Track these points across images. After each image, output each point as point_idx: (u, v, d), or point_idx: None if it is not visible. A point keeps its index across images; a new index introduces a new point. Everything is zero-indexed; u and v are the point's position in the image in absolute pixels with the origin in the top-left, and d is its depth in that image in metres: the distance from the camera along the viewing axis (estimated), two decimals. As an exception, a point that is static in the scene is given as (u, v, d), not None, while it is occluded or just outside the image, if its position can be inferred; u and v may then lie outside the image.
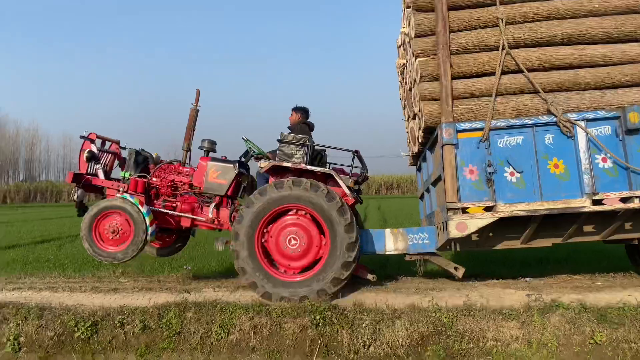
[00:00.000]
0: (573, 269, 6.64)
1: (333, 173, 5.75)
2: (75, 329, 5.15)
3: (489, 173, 5.25)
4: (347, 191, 5.69)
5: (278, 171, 5.87)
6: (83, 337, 5.13)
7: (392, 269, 7.29)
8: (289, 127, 6.53)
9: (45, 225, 17.50)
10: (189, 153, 6.80)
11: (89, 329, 5.15)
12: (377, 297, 5.50)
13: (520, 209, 5.17)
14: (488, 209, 5.25)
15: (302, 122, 6.47)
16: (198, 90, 6.86)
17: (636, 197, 5.05)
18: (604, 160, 5.19)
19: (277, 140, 5.93)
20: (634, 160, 5.15)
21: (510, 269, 7.17)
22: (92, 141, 6.36)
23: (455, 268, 6.19)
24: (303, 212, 5.60)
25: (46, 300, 5.75)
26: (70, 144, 62.23)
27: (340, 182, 5.71)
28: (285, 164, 5.77)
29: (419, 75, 5.52)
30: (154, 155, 6.81)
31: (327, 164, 6.65)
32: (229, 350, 5.00)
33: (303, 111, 6.57)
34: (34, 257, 9.54)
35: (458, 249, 6.04)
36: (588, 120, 5.21)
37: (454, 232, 5.24)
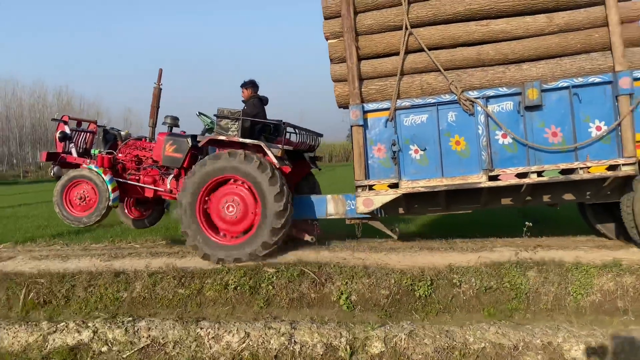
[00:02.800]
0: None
1: (261, 144, 6.13)
2: (415, 287, 5.04)
3: (394, 152, 5.53)
4: (274, 160, 6.02)
5: (222, 144, 6.38)
6: (424, 296, 5.03)
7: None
8: (242, 101, 6.98)
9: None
10: (154, 129, 7.45)
11: (429, 288, 5.05)
12: None
13: (421, 185, 5.48)
14: (394, 185, 5.58)
15: (254, 96, 6.88)
16: (160, 70, 7.34)
17: (532, 172, 5.21)
18: (504, 136, 5.31)
19: (214, 115, 6.41)
20: (535, 135, 5.25)
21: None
22: (65, 122, 7.11)
23: (392, 230, 6.65)
24: (240, 182, 6.13)
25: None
26: (130, 116, 64.99)
27: (268, 152, 6.05)
28: (220, 137, 6.27)
29: (329, 57, 5.71)
30: (122, 133, 7.52)
31: (286, 134, 7.09)
32: (593, 312, 4.75)
33: (251, 84, 6.96)
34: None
35: (385, 215, 6.46)
36: (489, 97, 5.29)
37: (361, 207, 5.65)
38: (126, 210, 7.76)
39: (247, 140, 6.19)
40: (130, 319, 5.07)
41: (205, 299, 5.45)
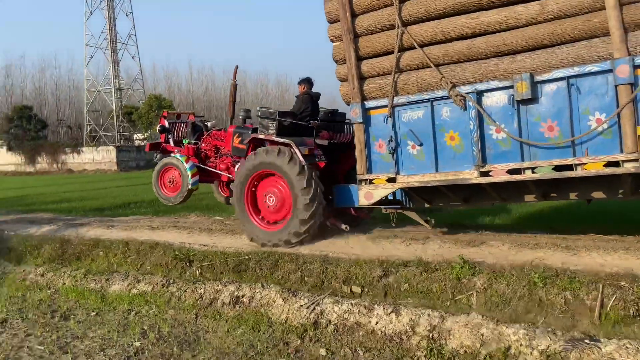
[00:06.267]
0: None
1: (291, 142, 6.73)
2: None
3: (391, 147, 5.72)
4: (301, 158, 6.50)
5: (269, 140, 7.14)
6: None
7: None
8: (296, 96, 7.67)
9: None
10: (232, 121, 8.56)
11: None
12: None
13: (415, 180, 5.61)
14: (392, 180, 5.79)
15: (306, 93, 7.52)
16: (236, 67, 8.36)
17: (525, 168, 5.02)
18: (497, 131, 5.18)
19: (257, 115, 7.19)
20: (529, 129, 5.04)
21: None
22: (165, 117, 8.67)
23: (426, 220, 6.81)
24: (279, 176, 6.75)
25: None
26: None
27: (296, 150, 6.57)
28: (260, 136, 7.04)
29: (333, 58, 6.05)
30: (208, 124, 8.78)
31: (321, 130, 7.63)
32: None
33: (306, 82, 7.58)
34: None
35: (412, 206, 6.64)
36: (481, 91, 5.18)
37: (363, 200, 5.97)
38: (220, 190, 8.97)
39: (280, 139, 6.77)
40: None
41: None
